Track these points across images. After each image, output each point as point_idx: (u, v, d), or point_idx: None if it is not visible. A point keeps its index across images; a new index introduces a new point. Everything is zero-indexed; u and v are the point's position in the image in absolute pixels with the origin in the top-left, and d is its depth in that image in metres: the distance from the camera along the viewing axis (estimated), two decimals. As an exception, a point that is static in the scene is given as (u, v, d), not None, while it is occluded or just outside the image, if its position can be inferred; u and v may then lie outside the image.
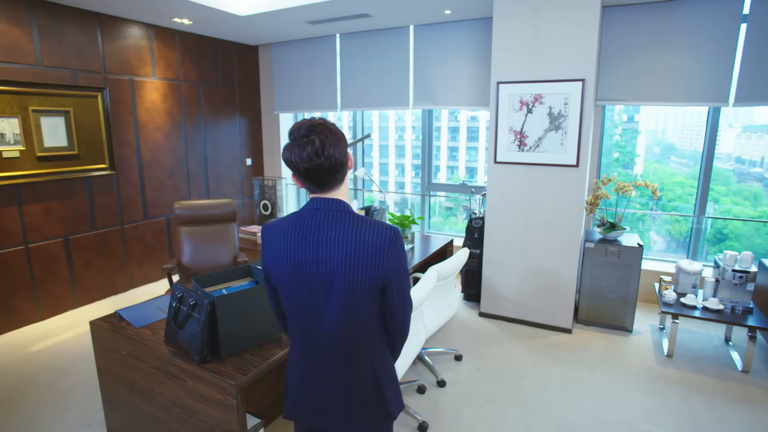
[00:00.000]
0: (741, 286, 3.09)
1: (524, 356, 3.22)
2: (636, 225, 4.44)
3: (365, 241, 1.18)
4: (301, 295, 1.24)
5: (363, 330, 1.25)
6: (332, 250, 1.19)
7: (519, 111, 3.46)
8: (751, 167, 4.01)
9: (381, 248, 1.18)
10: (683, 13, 3.58)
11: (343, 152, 1.21)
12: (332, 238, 1.19)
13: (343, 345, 1.25)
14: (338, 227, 1.20)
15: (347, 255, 1.18)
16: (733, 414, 2.57)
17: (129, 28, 4.25)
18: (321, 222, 1.21)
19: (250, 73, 5.67)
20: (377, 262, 1.18)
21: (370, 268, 1.18)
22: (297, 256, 1.21)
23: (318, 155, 1.16)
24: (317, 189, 1.23)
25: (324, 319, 1.24)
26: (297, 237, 1.22)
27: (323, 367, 1.28)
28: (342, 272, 1.18)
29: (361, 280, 1.18)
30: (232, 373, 1.74)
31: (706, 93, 3.61)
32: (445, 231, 5.41)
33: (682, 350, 3.27)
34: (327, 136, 1.17)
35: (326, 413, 1.31)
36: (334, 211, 1.22)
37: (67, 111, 3.80)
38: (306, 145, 1.15)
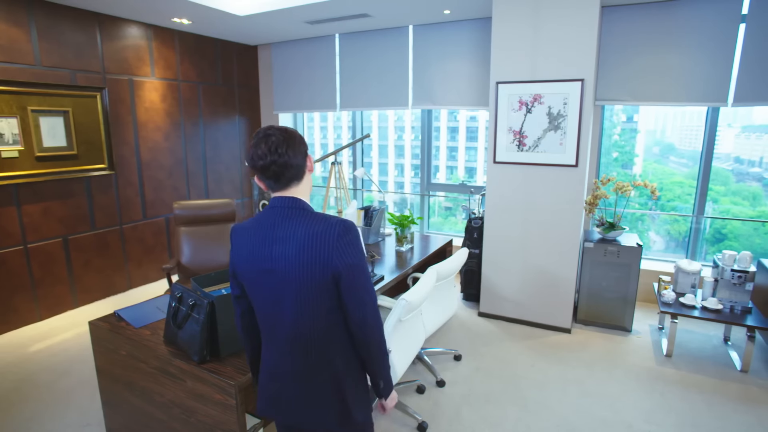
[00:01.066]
0: (740, 285, 3.10)
1: (523, 356, 3.22)
2: (635, 225, 4.45)
3: (315, 235, 1.21)
4: (262, 294, 1.28)
5: (320, 327, 1.26)
6: (285, 247, 1.22)
7: (518, 111, 3.46)
8: (750, 167, 4.01)
9: (330, 241, 1.20)
10: (682, 13, 3.58)
11: (300, 154, 1.27)
12: (285, 235, 1.23)
13: (301, 343, 1.27)
14: (292, 224, 1.24)
15: (299, 251, 1.21)
16: (732, 414, 2.57)
17: (128, 28, 4.24)
18: (276, 220, 1.26)
19: (250, 73, 5.67)
20: (327, 255, 1.20)
21: (320, 261, 1.20)
22: (255, 254, 1.26)
23: (272, 152, 1.21)
24: (275, 186, 1.27)
25: (282, 316, 1.26)
26: (256, 236, 1.27)
27: (284, 365, 1.31)
28: (295, 268, 1.21)
29: (313, 276, 1.21)
30: (231, 373, 1.74)
31: (705, 93, 3.61)
32: (445, 231, 5.41)
33: (682, 350, 3.27)
34: (283, 137, 1.23)
35: (291, 411, 1.33)
36: (289, 208, 1.26)
37: (66, 111, 3.80)
38: (262, 143, 1.22)
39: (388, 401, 1.42)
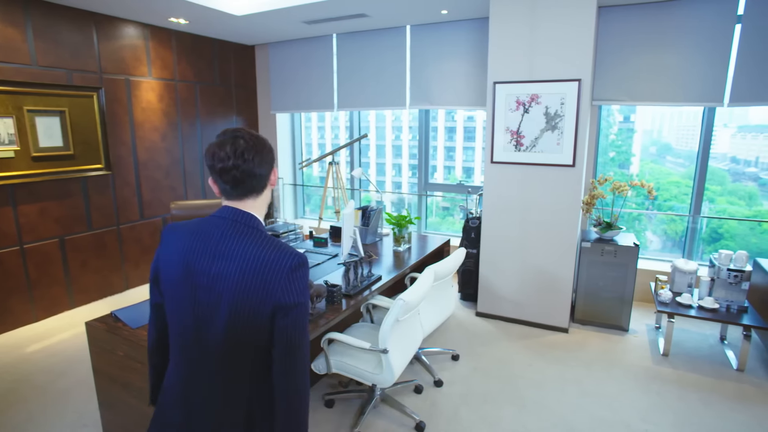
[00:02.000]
0: (736, 285, 3.11)
1: (521, 356, 3.23)
2: (632, 224, 4.46)
3: (265, 261, 1.06)
4: (185, 312, 1.11)
5: (246, 362, 1.10)
6: (227, 265, 1.07)
7: (515, 111, 3.47)
8: (746, 167, 4.03)
9: (280, 271, 1.05)
10: (678, 13, 3.59)
11: (267, 164, 1.15)
12: (230, 251, 1.08)
13: (221, 374, 1.11)
14: (241, 242, 1.09)
15: (242, 274, 1.06)
16: (728, 412, 2.58)
17: (125, 28, 4.23)
18: (224, 233, 1.10)
19: (247, 73, 5.66)
20: (272, 286, 1.05)
21: (264, 292, 1.05)
22: (190, 265, 1.10)
23: (237, 156, 1.09)
24: (231, 193, 1.13)
25: (204, 341, 1.10)
26: (195, 244, 1.11)
27: (195, 393, 1.13)
28: (232, 292, 1.06)
29: (251, 305, 1.05)
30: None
31: (702, 93, 3.63)
32: (442, 231, 5.42)
33: (678, 349, 3.29)
34: (252, 143, 1.11)
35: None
36: (241, 223, 1.11)
37: (63, 111, 3.78)
38: (227, 144, 1.10)
39: None
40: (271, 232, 4.17)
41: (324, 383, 2.88)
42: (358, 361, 2.28)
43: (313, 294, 2.26)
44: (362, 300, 2.52)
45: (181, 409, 1.15)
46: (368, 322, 2.76)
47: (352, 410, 2.60)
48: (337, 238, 3.70)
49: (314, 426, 2.47)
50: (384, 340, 2.11)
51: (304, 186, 6.20)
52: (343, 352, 2.37)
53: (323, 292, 2.29)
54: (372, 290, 2.62)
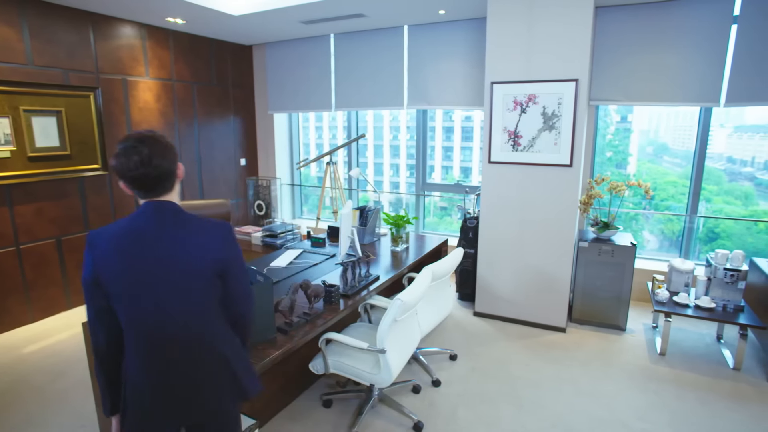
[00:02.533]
0: (732, 284, 3.12)
1: (519, 355, 3.24)
2: (629, 224, 4.48)
3: (203, 236, 1.29)
4: (145, 299, 1.23)
5: (210, 321, 1.33)
6: (175, 249, 1.25)
7: (513, 111, 3.47)
8: (742, 167, 4.05)
9: (217, 240, 1.31)
10: (675, 14, 3.61)
11: (172, 161, 1.29)
12: (174, 238, 1.26)
13: (192, 339, 1.29)
14: (177, 227, 1.28)
15: (188, 252, 1.26)
16: (725, 411, 2.59)
17: (122, 28, 4.22)
18: (163, 223, 1.26)
19: (244, 73, 5.65)
20: (215, 253, 1.30)
21: (210, 260, 1.28)
22: (140, 260, 1.23)
23: (144, 164, 1.22)
24: (145, 195, 1.28)
25: (171, 319, 1.26)
26: (138, 241, 1.24)
27: (174, 367, 1.28)
28: (185, 270, 1.25)
29: (203, 274, 1.28)
30: (226, 374, 1.73)
31: (698, 93, 3.64)
32: (440, 231, 5.42)
33: (675, 348, 3.30)
34: (154, 147, 1.24)
35: (188, 411, 1.32)
36: (170, 211, 1.29)
37: (59, 111, 3.77)
38: (133, 154, 1.21)
39: None
40: (268, 233, 4.17)
41: (322, 383, 2.88)
42: (356, 361, 2.28)
43: (310, 294, 2.26)
44: (360, 300, 2.52)
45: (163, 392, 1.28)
46: (366, 322, 2.76)
47: (350, 410, 2.60)
48: (334, 239, 3.69)
49: (312, 426, 2.47)
50: (382, 340, 2.11)
51: (301, 186, 6.20)
52: (341, 352, 2.37)
53: (321, 292, 2.29)
54: (370, 290, 2.62)
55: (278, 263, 3.11)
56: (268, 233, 4.21)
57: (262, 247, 4.20)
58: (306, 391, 2.79)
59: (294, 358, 2.65)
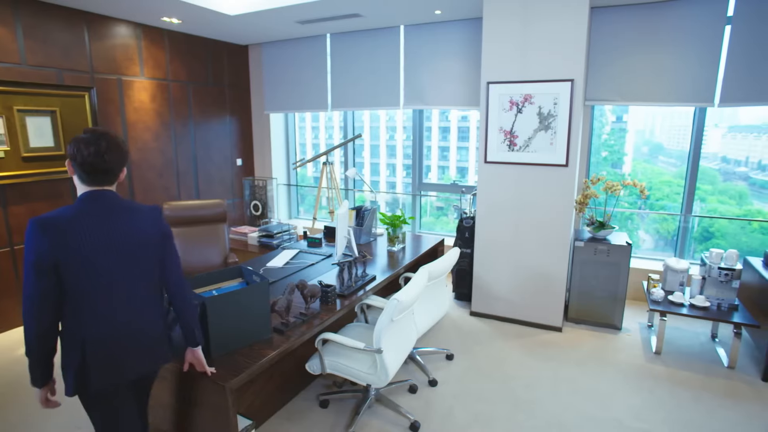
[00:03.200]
0: (726, 283, 3.14)
1: (515, 355, 3.24)
2: (625, 224, 4.50)
3: (144, 217, 1.55)
4: (101, 270, 1.45)
5: (151, 287, 1.58)
6: (123, 227, 1.50)
7: (509, 111, 3.48)
8: (737, 167, 4.08)
9: (155, 221, 1.58)
10: (669, 14, 3.63)
11: (120, 161, 1.51)
12: (121, 219, 1.50)
13: (138, 303, 1.54)
14: (122, 210, 1.51)
15: (135, 230, 1.52)
16: (719, 409, 2.61)
17: (117, 27, 4.20)
18: (111, 208, 1.49)
19: (240, 73, 5.64)
20: (154, 231, 1.57)
21: (152, 236, 1.56)
22: (97, 237, 1.44)
23: (98, 155, 1.44)
24: (86, 180, 1.47)
25: (121, 285, 1.49)
26: (92, 223, 1.44)
27: (121, 329, 1.50)
28: (134, 244, 1.51)
29: (147, 248, 1.55)
30: (222, 374, 1.73)
31: (692, 93, 3.66)
32: (436, 231, 5.43)
33: (670, 347, 3.32)
34: (110, 144, 1.46)
35: (131, 368, 1.54)
36: (111, 197, 1.51)
37: (54, 111, 3.75)
38: (92, 144, 1.43)
39: (198, 350, 1.71)
40: (265, 233, 4.16)
41: (318, 384, 2.87)
42: (352, 362, 2.28)
43: (307, 294, 2.26)
44: (356, 300, 2.52)
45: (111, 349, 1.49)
46: (363, 322, 2.76)
47: (347, 410, 2.60)
48: (331, 239, 3.69)
49: (309, 426, 2.47)
50: (378, 340, 2.11)
51: (298, 186, 6.19)
52: (337, 352, 2.37)
53: (317, 292, 2.28)
54: (366, 290, 2.62)
55: (275, 263, 3.10)
56: (265, 233, 4.20)
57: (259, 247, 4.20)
58: (303, 392, 2.78)
59: (290, 359, 2.64)
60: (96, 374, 1.46)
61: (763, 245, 3.96)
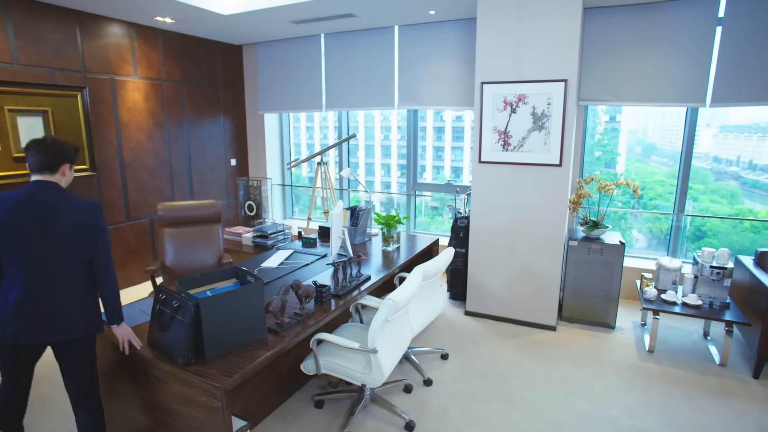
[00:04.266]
0: (718, 282, 3.17)
1: (510, 354, 3.25)
2: (618, 223, 4.52)
3: (78, 206, 1.83)
4: (34, 241, 1.75)
5: (71, 263, 1.82)
6: (58, 212, 1.78)
7: (503, 111, 3.49)
8: (728, 166, 4.11)
9: (89, 210, 1.85)
10: (661, 15, 3.65)
11: (54, 160, 1.83)
12: (57, 204, 1.79)
13: (59, 276, 1.79)
14: (60, 197, 1.81)
15: (68, 215, 1.79)
16: (711, 407, 2.63)
17: (109, 27, 4.17)
18: (47, 193, 1.80)
19: (235, 73, 5.62)
20: (87, 219, 1.83)
21: (84, 223, 1.82)
22: (31, 215, 1.74)
23: (38, 155, 1.81)
24: (36, 172, 1.82)
25: (47, 258, 1.77)
26: (32, 202, 1.76)
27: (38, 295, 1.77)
28: (66, 227, 1.78)
29: (77, 232, 1.80)
30: (217, 375, 1.73)
31: (684, 94, 3.69)
32: (431, 231, 5.43)
33: (663, 345, 3.34)
34: (45, 147, 1.83)
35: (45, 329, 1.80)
36: (51, 187, 1.82)
37: (45, 111, 3.72)
38: (33, 147, 1.82)
39: (121, 327, 1.93)
40: (259, 233, 4.15)
41: (313, 384, 2.87)
42: (347, 362, 2.28)
43: (301, 294, 2.25)
44: (351, 300, 2.52)
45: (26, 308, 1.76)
46: (357, 322, 2.76)
47: (342, 410, 2.60)
48: (326, 239, 3.69)
49: (304, 427, 2.47)
50: (373, 340, 2.11)
51: (292, 186, 6.18)
52: (332, 352, 2.37)
53: (312, 292, 2.28)
54: (361, 290, 2.62)
55: (269, 264, 3.10)
56: (259, 234, 4.19)
57: (253, 247, 4.18)
58: (297, 392, 2.78)
59: (285, 359, 2.64)
60: (11, 329, 1.74)
61: (754, 244, 4.00)
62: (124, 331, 1.93)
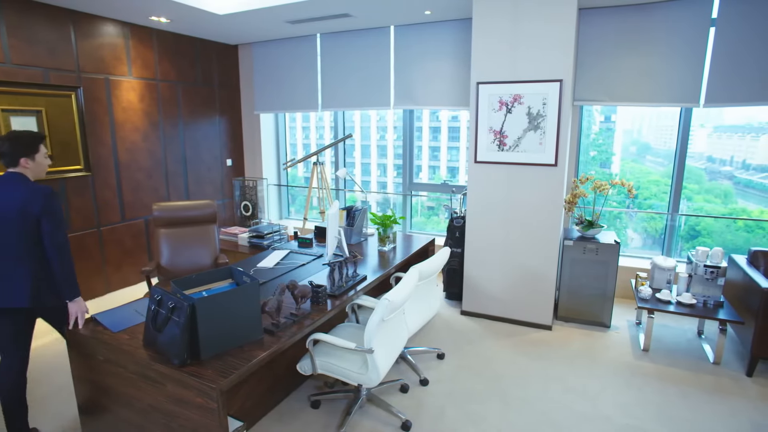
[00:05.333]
0: (712, 280, 3.19)
1: (506, 353, 3.26)
2: (613, 223, 4.55)
3: (33, 192, 2.11)
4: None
5: (24, 240, 2.11)
6: (13, 194, 2.10)
7: (498, 111, 3.50)
8: (722, 166, 4.14)
9: (40, 196, 2.11)
10: (655, 16, 3.68)
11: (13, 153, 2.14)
12: (13, 188, 2.11)
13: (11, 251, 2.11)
14: (17, 185, 2.13)
15: (23, 200, 2.08)
16: (705, 405, 2.65)
17: (104, 26, 4.15)
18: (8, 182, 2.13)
19: (230, 73, 5.61)
20: (37, 203, 2.09)
21: (36, 207, 2.08)
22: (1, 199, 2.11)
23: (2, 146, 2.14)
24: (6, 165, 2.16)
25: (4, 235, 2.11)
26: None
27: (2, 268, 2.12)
28: (19, 208, 2.08)
29: (29, 215, 2.08)
30: (212, 376, 1.72)
31: (678, 94, 3.72)
32: (427, 230, 5.44)
33: (658, 344, 3.36)
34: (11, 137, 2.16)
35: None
36: (14, 176, 2.15)
37: (39, 111, 3.70)
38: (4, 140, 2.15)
39: (75, 303, 2.15)
40: (255, 233, 4.14)
41: (310, 384, 2.87)
42: (343, 362, 2.28)
43: (297, 294, 2.25)
44: (347, 300, 2.52)
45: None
46: (354, 322, 2.76)
47: (339, 411, 2.60)
48: (322, 239, 3.69)
49: (301, 427, 2.46)
50: (369, 339, 2.12)
51: (288, 186, 6.17)
52: (328, 352, 2.37)
53: (308, 292, 2.28)
54: (357, 290, 2.62)
55: (265, 264, 3.09)
56: (255, 234, 4.18)
57: (249, 248, 4.17)
58: (294, 392, 2.78)
59: (281, 359, 2.63)
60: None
61: (748, 243, 4.03)
62: (76, 306, 2.14)
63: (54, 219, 2.11)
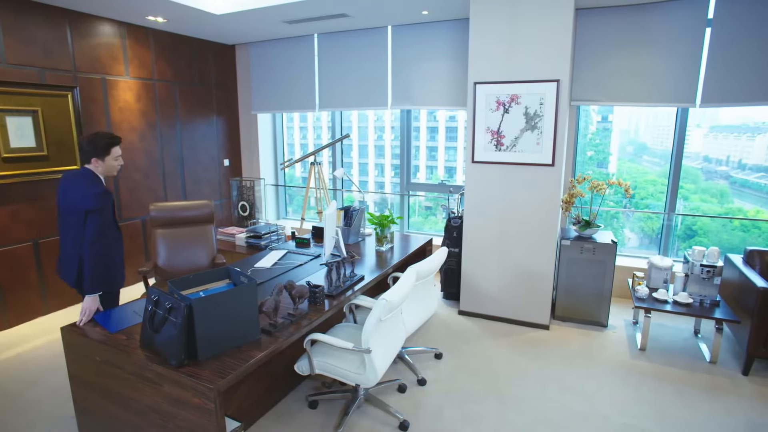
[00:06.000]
0: (708, 280, 3.21)
1: (503, 353, 3.27)
2: (610, 222, 4.56)
3: (88, 190, 2.33)
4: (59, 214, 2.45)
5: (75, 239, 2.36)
6: (78, 190, 2.36)
7: (496, 111, 3.51)
8: (718, 165, 4.16)
9: (92, 195, 2.31)
10: (652, 17, 3.69)
11: (86, 150, 2.37)
12: (80, 183, 2.37)
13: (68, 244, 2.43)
14: (84, 180, 2.37)
15: (82, 195, 2.33)
16: (701, 403, 2.66)
17: (100, 26, 4.14)
18: (79, 176, 2.41)
19: (227, 73, 5.60)
20: (87, 202, 2.30)
21: (86, 204, 2.30)
22: (59, 194, 2.44)
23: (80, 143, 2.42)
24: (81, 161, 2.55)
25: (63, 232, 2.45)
26: (61, 185, 2.46)
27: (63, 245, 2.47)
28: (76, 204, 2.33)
29: (82, 211, 2.31)
30: (209, 376, 1.72)
31: (675, 94, 3.73)
32: (425, 230, 5.44)
33: (655, 343, 3.37)
34: (88, 140, 2.38)
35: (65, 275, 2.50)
36: (85, 171, 2.41)
37: (35, 110, 3.68)
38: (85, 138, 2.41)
39: (87, 299, 2.25)
40: (253, 234, 4.14)
41: (307, 384, 2.86)
42: (341, 362, 2.28)
43: (295, 295, 2.25)
44: (345, 300, 2.52)
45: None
46: (351, 322, 2.76)
47: (336, 411, 2.60)
48: (319, 239, 3.68)
49: (298, 427, 2.46)
50: (367, 340, 2.12)
51: (286, 186, 6.16)
52: (326, 352, 2.36)
53: (305, 293, 2.28)
54: (355, 290, 2.62)
55: (263, 264, 3.09)
56: (253, 234, 4.17)
57: (246, 248, 4.16)
58: (291, 393, 2.77)
59: (279, 360, 2.63)
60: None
61: (744, 242, 4.05)
62: (87, 302, 2.24)
63: (95, 219, 2.29)
